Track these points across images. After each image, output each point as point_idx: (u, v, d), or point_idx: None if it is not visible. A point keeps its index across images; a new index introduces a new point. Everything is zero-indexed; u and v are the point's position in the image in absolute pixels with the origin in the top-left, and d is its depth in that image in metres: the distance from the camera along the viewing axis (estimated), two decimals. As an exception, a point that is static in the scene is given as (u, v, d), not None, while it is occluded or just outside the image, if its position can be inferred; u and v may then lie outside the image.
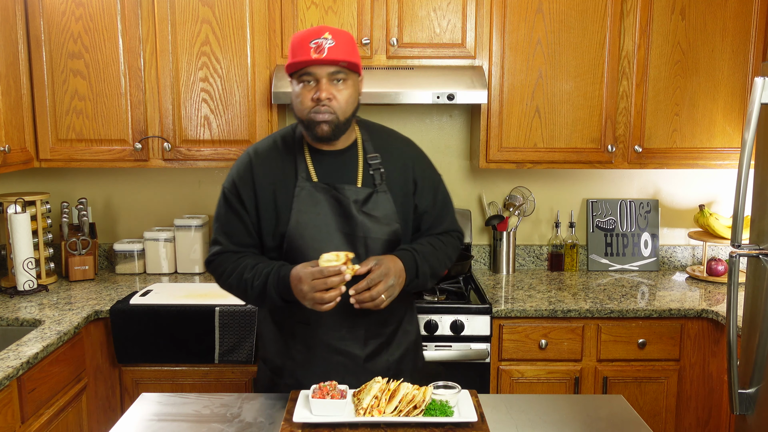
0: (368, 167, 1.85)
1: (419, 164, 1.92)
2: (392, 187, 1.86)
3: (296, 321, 1.85)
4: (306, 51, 1.70)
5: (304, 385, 1.75)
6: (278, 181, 1.82)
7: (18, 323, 2.42)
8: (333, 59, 1.69)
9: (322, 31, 1.71)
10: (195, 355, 2.53)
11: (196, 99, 2.78)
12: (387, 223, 1.83)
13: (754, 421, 1.87)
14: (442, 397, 1.59)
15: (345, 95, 1.75)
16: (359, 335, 1.84)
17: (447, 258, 1.92)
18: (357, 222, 1.80)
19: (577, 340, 2.59)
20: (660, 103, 2.81)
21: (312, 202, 1.80)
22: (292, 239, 1.80)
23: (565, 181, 3.23)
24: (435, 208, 1.93)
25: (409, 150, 1.94)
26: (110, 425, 2.12)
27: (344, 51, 1.71)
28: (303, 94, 1.75)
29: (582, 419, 1.70)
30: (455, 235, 1.98)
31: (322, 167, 1.84)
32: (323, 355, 1.84)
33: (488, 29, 2.76)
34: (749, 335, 1.91)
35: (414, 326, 2.00)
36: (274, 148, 1.87)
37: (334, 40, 1.70)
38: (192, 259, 3.10)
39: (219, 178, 3.20)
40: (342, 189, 1.81)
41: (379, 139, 1.91)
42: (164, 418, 1.70)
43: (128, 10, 2.71)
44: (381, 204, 1.83)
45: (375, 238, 1.81)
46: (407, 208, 1.88)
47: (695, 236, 3.05)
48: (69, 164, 2.82)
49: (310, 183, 1.82)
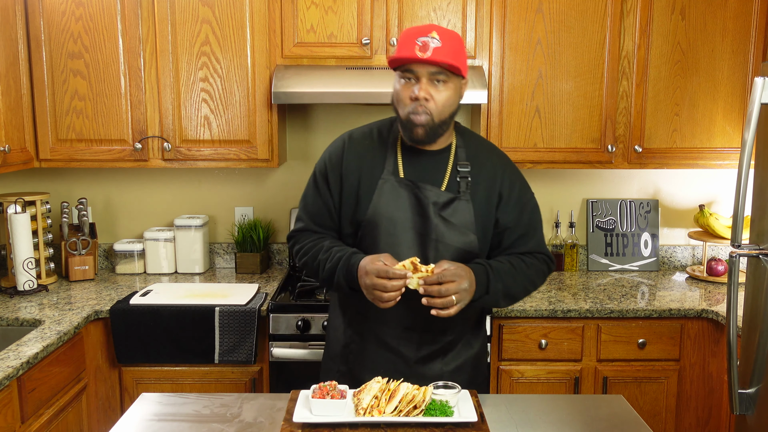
0: (456, 173, 1.84)
1: (509, 179, 1.88)
2: (476, 197, 1.84)
3: (357, 311, 1.88)
4: (411, 48, 1.70)
5: (355, 374, 1.81)
6: (365, 170, 1.84)
7: (18, 323, 2.42)
8: (435, 60, 1.68)
9: (430, 30, 1.71)
10: (195, 355, 2.53)
11: (196, 99, 2.78)
12: (463, 232, 1.82)
13: (754, 421, 1.87)
14: (442, 397, 1.59)
15: (444, 96, 1.74)
16: (413, 337, 1.85)
17: (528, 281, 1.85)
18: (432, 224, 1.80)
19: (577, 340, 2.59)
20: (660, 103, 2.81)
21: (393, 197, 1.81)
22: (367, 229, 1.82)
23: (565, 181, 3.23)
24: (519, 227, 1.88)
25: (502, 163, 1.91)
26: (110, 425, 2.13)
27: (449, 53, 1.70)
28: (403, 91, 1.76)
29: (582, 419, 1.70)
30: (542, 259, 1.90)
31: (410, 164, 1.84)
32: (375, 349, 1.87)
33: (488, 29, 2.76)
34: (749, 335, 1.91)
35: (479, 341, 1.97)
36: (369, 137, 1.89)
37: (441, 40, 1.70)
38: (192, 259, 3.10)
39: (219, 178, 3.20)
40: (424, 188, 1.82)
41: (474, 148, 1.90)
42: (164, 418, 1.70)
43: (128, 10, 2.71)
44: (460, 211, 1.82)
45: (447, 244, 1.81)
46: (488, 221, 1.85)
47: (695, 236, 3.05)
48: (69, 164, 2.82)
49: (395, 178, 1.83)
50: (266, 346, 2.55)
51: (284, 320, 2.52)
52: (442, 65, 1.70)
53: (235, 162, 2.83)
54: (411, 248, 1.80)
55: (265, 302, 2.60)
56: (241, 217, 3.21)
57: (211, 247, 3.23)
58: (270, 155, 2.82)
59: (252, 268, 3.10)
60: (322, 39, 2.74)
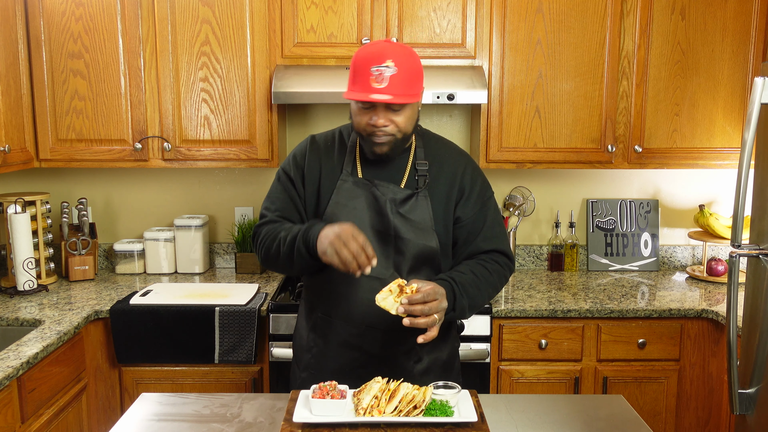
0: (415, 171, 1.86)
1: (469, 175, 1.89)
2: (435, 194, 1.85)
3: (321, 313, 1.87)
4: (366, 80, 1.67)
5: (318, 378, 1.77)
6: (325, 171, 1.86)
7: (18, 323, 2.42)
8: (392, 95, 1.66)
9: (384, 57, 1.67)
10: (195, 355, 2.53)
11: (196, 99, 2.78)
12: (422, 228, 1.82)
13: (754, 421, 1.87)
14: (442, 397, 1.59)
15: (403, 119, 1.75)
16: (377, 335, 1.84)
17: (491, 288, 1.84)
18: (390, 221, 1.81)
19: (577, 340, 2.59)
20: (660, 103, 2.81)
21: (350, 197, 1.83)
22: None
23: (565, 181, 3.23)
24: (479, 222, 1.87)
25: (462, 161, 1.91)
26: (110, 425, 2.13)
27: (405, 81, 1.68)
28: (360, 117, 1.75)
29: (582, 419, 1.70)
30: (503, 263, 1.88)
31: (369, 165, 1.86)
32: (337, 349, 1.86)
33: (488, 29, 2.76)
34: (749, 335, 1.91)
35: (447, 347, 1.95)
36: (331, 140, 1.91)
37: (397, 65, 1.67)
38: (192, 259, 3.10)
39: (219, 178, 3.20)
40: (380, 186, 1.83)
41: (433, 148, 1.91)
42: (164, 418, 1.70)
43: (128, 10, 2.71)
44: (419, 208, 1.83)
45: (407, 240, 1.81)
46: (447, 217, 1.86)
47: (695, 236, 3.05)
48: (69, 164, 2.82)
49: (354, 178, 1.85)
50: (266, 346, 2.55)
51: (284, 320, 2.52)
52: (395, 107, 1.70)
53: (235, 162, 2.83)
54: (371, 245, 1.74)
55: (265, 302, 2.60)
56: (241, 217, 3.21)
57: (211, 247, 3.23)
58: (270, 155, 2.82)
59: (252, 268, 3.10)
60: (322, 39, 2.74)
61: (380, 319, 1.79)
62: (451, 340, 1.99)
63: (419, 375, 1.88)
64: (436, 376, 1.89)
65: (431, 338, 1.63)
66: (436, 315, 1.62)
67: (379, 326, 1.83)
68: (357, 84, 1.70)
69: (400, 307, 1.59)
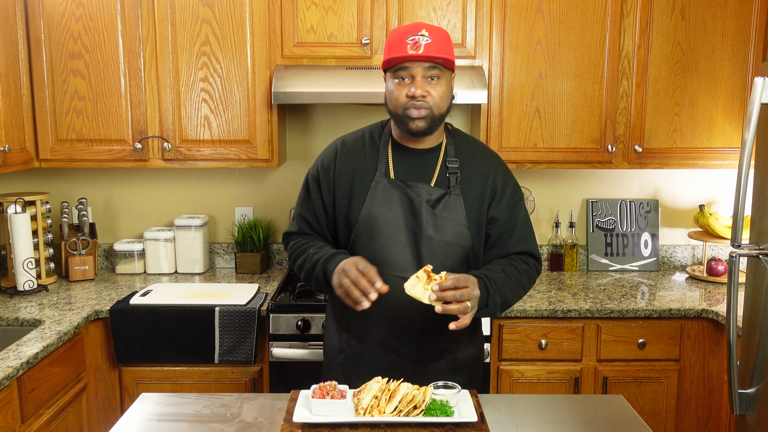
0: (446, 170, 1.87)
1: (502, 176, 1.90)
2: (467, 193, 1.85)
3: (356, 315, 1.87)
4: (403, 47, 1.73)
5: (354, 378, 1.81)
6: (358, 172, 1.87)
7: (18, 323, 2.42)
8: (429, 56, 1.72)
9: (419, 28, 1.74)
10: (195, 355, 2.53)
11: (196, 99, 2.78)
12: (455, 227, 1.83)
13: (754, 421, 1.87)
14: (442, 397, 1.59)
15: (440, 91, 1.77)
16: (412, 337, 1.86)
17: (521, 288, 1.86)
18: (424, 221, 1.82)
19: (577, 340, 2.59)
20: (660, 103, 2.81)
21: (385, 198, 1.84)
22: (361, 230, 1.84)
23: (565, 181, 3.23)
24: (511, 224, 1.89)
25: (494, 162, 1.92)
26: (110, 425, 2.13)
27: (440, 48, 1.74)
28: (398, 90, 1.78)
29: (582, 419, 1.70)
30: (533, 264, 1.91)
31: (401, 165, 1.87)
32: (373, 351, 1.88)
33: (488, 29, 2.76)
34: (749, 335, 1.91)
35: (476, 344, 1.99)
36: (361, 141, 1.93)
37: (431, 37, 1.73)
38: (192, 258, 3.10)
39: (219, 178, 3.20)
40: (414, 187, 1.84)
41: (464, 147, 1.92)
42: (164, 418, 1.70)
43: (128, 10, 2.71)
44: (452, 207, 1.83)
45: (440, 240, 1.82)
46: (480, 217, 1.87)
47: (695, 236, 3.05)
48: (69, 164, 2.82)
49: (387, 179, 1.85)
50: (266, 346, 2.55)
51: (284, 320, 2.52)
52: (437, 60, 1.73)
53: (235, 162, 2.83)
54: (404, 247, 1.82)
55: (265, 302, 2.60)
56: (241, 217, 3.21)
57: (211, 247, 3.23)
58: (270, 155, 2.82)
59: (252, 268, 3.10)
60: (322, 39, 2.74)
61: (416, 321, 1.82)
62: (479, 339, 2.02)
63: (449, 374, 1.88)
64: (466, 375, 1.92)
65: (464, 326, 1.64)
66: (468, 303, 1.63)
67: (414, 327, 1.85)
68: (395, 52, 1.74)
69: (432, 295, 1.60)
